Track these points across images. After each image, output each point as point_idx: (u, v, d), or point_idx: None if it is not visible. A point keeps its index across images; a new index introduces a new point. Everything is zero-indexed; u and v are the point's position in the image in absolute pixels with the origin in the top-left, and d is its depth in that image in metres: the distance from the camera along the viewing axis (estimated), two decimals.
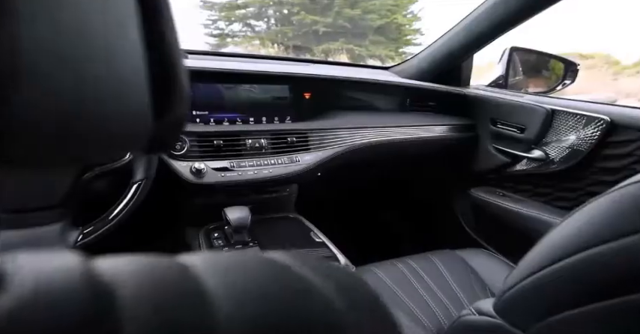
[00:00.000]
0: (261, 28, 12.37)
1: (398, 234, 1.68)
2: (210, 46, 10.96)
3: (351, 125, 1.13)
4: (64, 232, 0.62)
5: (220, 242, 0.90)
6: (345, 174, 1.34)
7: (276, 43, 11.47)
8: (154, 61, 0.20)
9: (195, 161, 0.88)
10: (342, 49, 10.84)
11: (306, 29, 11.52)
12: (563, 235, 0.47)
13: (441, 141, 1.28)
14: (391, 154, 1.27)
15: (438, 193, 1.55)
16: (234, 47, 11.76)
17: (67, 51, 0.16)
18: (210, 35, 11.58)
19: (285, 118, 1.09)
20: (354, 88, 1.21)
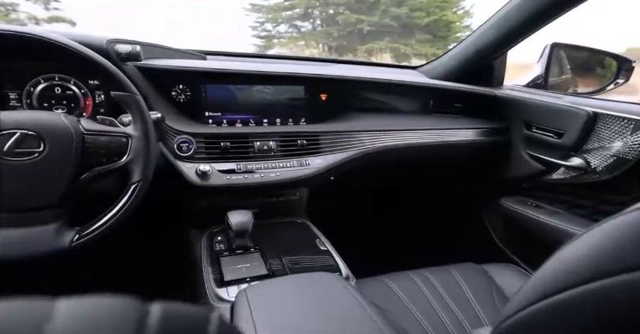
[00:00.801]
0: (307, 28, 12.50)
1: (416, 243, 1.59)
2: (257, 48, 11.27)
3: (368, 128, 1.08)
4: (60, 232, 0.64)
5: (222, 246, 0.90)
6: (361, 178, 1.29)
7: (320, 44, 11.53)
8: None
9: (201, 163, 0.88)
10: (386, 48, 10.64)
11: (350, 29, 11.45)
12: (569, 260, 0.41)
13: (467, 146, 1.19)
14: (412, 159, 1.21)
15: (463, 202, 1.45)
16: (279, 48, 12.00)
17: None
18: (257, 37, 11.90)
19: (300, 120, 1.07)
20: (373, 89, 1.16)
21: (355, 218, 1.53)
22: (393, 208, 1.62)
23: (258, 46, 11.09)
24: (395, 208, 1.62)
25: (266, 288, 0.69)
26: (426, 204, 1.61)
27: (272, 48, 11.67)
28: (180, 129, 0.87)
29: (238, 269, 0.81)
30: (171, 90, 0.92)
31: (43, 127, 0.58)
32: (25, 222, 0.59)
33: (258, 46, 11.13)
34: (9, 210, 0.58)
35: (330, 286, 0.70)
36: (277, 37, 12.31)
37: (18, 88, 0.78)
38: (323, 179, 1.03)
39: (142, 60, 0.82)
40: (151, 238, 1.08)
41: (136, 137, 0.67)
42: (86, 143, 0.63)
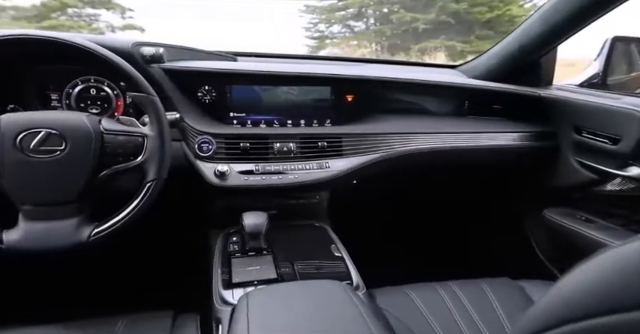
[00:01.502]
0: (360, 28, 12.41)
1: (444, 254, 1.49)
2: (310, 48, 11.41)
3: (396, 130, 1.04)
4: (79, 227, 0.66)
5: (236, 247, 0.90)
6: (386, 183, 1.24)
7: (373, 43, 11.39)
8: None
9: (220, 163, 0.89)
10: (441, 47, 10.22)
11: (405, 27, 11.16)
12: (574, 290, 0.36)
13: (507, 151, 1.09)
14: (442, 164, 1.14)
15: (499, 211, 1.34)
16: (331, 48, 12.05)
17: None
18: (310, 38, 12.06)
19: (325, 121, 1.05)
20: (403, 90, 1.11)
21: (378, 224, 1.47)
22: (420, 215, 1.54)
23: (310, 47, 11.24)
24: (421, 215, 1.54)
25: (268, 293, 0.69)
26: (456, 213, 1.51)
27: (324, 48, 11.75)
28: (202, 129, 0.89)
29: (248, 271, 0.81)
30: (197, 92, 0.95)
31: (65, 127, 0.63)
32: (47, 215, 0.64)
33: (311, 47, 11.27)
34: (33, 203, 0.63)
35: (332, 294, 0.68)
36: (330, 37, 12.36)
37: (58, 90, 0.85)
38: (344, 182, 1.01)
39: (165, 62, 0.86)
40: (170, 236, 1.12)
41: (151, 137, 0.69)
42: (105, 142, 0.66)
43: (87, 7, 6.49)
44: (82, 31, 5.90)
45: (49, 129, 0.62)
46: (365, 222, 1.37)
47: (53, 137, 0.62)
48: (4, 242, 0.62)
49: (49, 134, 0.62)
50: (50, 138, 0.62)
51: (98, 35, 0.79)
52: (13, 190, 0.62)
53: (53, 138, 0.62)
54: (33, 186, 0.62)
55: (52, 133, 0.62)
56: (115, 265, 1.16)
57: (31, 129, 0.61)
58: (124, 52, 0.78)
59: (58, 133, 0.62)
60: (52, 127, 0.62)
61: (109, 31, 6.06)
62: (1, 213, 0.62)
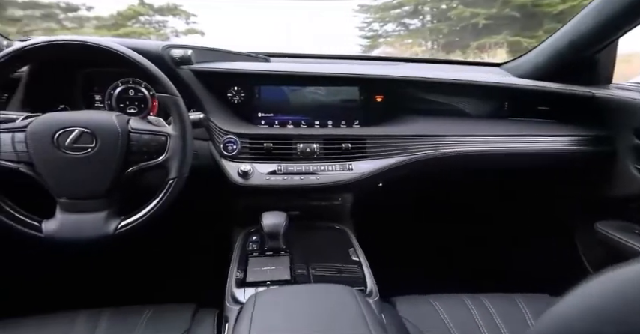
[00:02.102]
0: (416, 26, 12.05)
1: (474, 265, 1.39)
2: (363, 48, 11.32)
3: (426, 132, 0.99)
4: (107, 220, 0.70)
5: (255, 246, 0.91)
6: (415, 187, 1.19)
7: (429, 41, 10.99)
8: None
9: (244, 162, 0.91)
10: (503, 43, 9.56)
11: (463, 24, 10.62)
12: (569, 315, 0.33)
13: (554, 156, 1.00)
14: (478, 168, 1.06)
15: (542, 221, 1.22)
16: (385, 47, 11.84)
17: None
18: (363, 37, 11.95)
19: (353, 122, 1.03)
20: (435, 90, 1.05)
21: (404, 229, 1.41)
22: (451, 223, 1.44)
23: (363, 47, 11.13)
24: (452, 223, 1.44)
25: (276, 294, 0.69)
26: (492, 221, 1.40)
27: (378, 47, 11.58)
28: (227, 129, 0.92)
29: (263, 271, 0.82)
30: (227, 92, 0.98)
31: (96, 126, 0.68)
32: (80, 208, 0.69)
33: (364, 47, 11.16)
34: (69, 197, 0.69)
35: (340, 299, 0.67)
36: (384, 36, 12.15)
37: (102, 91, 0.93)
38: (369, 185, 0.98)
39: (193, 63, 0.89)
40: (198, 233, 1.17)
41: (174, 136, 0.73)
42: (131, 140, 0.71)
43: (156, 14, 7.02)
44: (151, 36, 6.42)
45: (82, 127, 0.67)
46: (390, 226, 1.32)
47: (85, 135, 0.68)
48: (43, 231, 0.68)
49: (81, 132, 0.67)
50: (83, 136, 0.67)
51: (131, 39, 0.85)
52: (52, 184, 0.68)
53: (85, 136, 0.68)
54: (68, 180, 0.68)
55: (85, 131, 0.68)
56: (145, 258, 1.24)
57: (67, 127, 0.67)
58: (155, 54, 0.82)
59: (89, 131, 0.68)
60: (85, 126, 0.68)
61: (173, 35, 6.53)
62: (42, 205, 0.69)
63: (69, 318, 0.74)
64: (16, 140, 0.66)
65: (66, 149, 0.67)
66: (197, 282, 0.81)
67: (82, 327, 0.72)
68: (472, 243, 1.43)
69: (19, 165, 0.67)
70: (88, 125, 0.68)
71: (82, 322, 0.73)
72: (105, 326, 0.73)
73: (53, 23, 5.39)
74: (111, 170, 0.69)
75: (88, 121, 0.68)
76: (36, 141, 0.66)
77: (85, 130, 0.68)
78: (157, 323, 0.75)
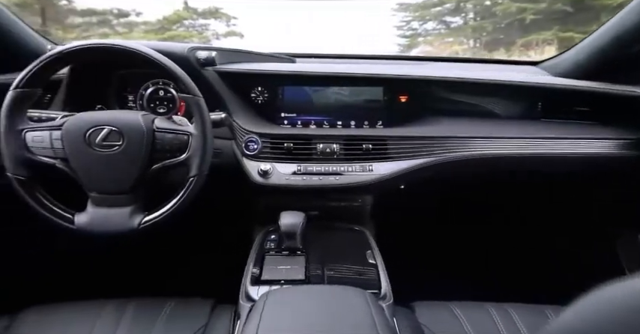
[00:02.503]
0: (458, 24, 11.64)
1: (501, 272, 1.32)
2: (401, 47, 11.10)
3: (451, 133, 0.96)
4: (133, 215, 0.73)
5: (272, 245, 0.92)
6: (439, 190, 1.15)
7: (471, 39, 10.58)
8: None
9: (265, 162, 0.92)
10: (553, 39, 8.99)
11: (509, 20, 10.11)
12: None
13: (591, 161, 0.93)
14: (505, 172, 1.01)
15: (577, 229, 1.13)
16: (424, 46, 11.54)
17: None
18: (402, 36, 11.72)
19: (377, 123, 1.02)
20: (462, 90, 1.01)
21: (427, 233, 1.36)
22: (476, 227, 1.37)
23: (401, 46, 10.90)
24: (478, 228, 1.37)
25: (288, 294, 0.70)
26: (520, 227, 1.32)
27: (416, 46, 11.31)
28: (249, 128, 0.94)
29: (278, 270, 0.83)
30: (251, 92, 1.00)
31: (123, 124, 0.72)
32: (108, 203, 0.74)
33: (402, 46, 10.93)
34: (98, 192, 0.74)
35: (350, 302, 0.66)
36: (423, 35, 11.85)
37: (134, 92, 0.98)
38: (389, 187, 0.97)
39: (217, 64, 0.92)
40: (221, 230, 1.19)
41: (195, 135, 0.75)
42: (155, 139, 0.74)
43: (200, 18, 7.30)
44: (194, 39, 6.69)
45: (111, 126, 0.72)
46: (412, 229, 1.29)
47: (113, 133, 0.72)
48: (75, 223, 0.73)
49: (110, 131, 0.72)
50: (111, 135, 0.72)
51: (159, 42, 0.90)
52: (83, 179, 0.73)
53: (113, 135, 0.72)
54: (97, 176, 0.73)
55: (113, 130, 0.72)
56: (170, 253, 1.29)
57: (97, 126, 0.71)
58: (180, 56, 0.86)
59: (117, 130, 0.72)
60: (113, 125, 0.72)
61: (214, 38, 6.76)
62: (75, 199, 0.74)
63: (98, 306, 0.78)
64: (53, 137, 0.72)
65: (96, 146, 0.71)
66: (217, 278, 0.84)
67: (109, 315, 0.77)
68: (498, 248, 1.36)
69: (56, 161, 0.72)
70: (116, 124, 0.72)
71: (110, 310, 0.78)
72: (130, 315, 0.77)
73: (107, 28, 5.79)
74: (136, 167, 0.73)
75: (116, 120, 0.72)
76: (70, 139, 0.71)
77: (114, 129, 0.72)
78: (177, 316, 0.78)
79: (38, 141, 0.72)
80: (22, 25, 0.91)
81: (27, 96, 0.71)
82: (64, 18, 5.68)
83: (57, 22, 5.50)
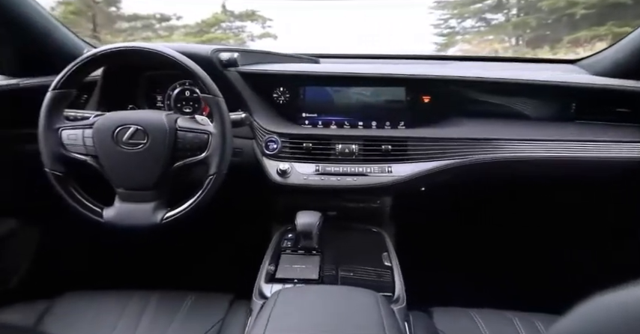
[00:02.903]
0: (499, 21, 11.15)
1: (528, 280, 1.23)
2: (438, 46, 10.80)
3: (476, 135, 0.93)
4: (155, 210, 0.76)
5: (289, 244, 0.93)
6: (462, 194, 1.10)
7: (513, 37, 10.09)
8: None
9: (284, 161, 0.93)
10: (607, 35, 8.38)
11: (556, 15, 9.54)
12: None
13: (632, 165, 0.86)
14: (533, 176, 0.96)
15: (614, 237, 1.05)
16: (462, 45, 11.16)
17: None
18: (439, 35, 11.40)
19: (398, 124, 1.01)
20: (489, 90, 0.97)
21: (448, 237, 1.31)
22: (498, 233, 1.30)
23: (438, 45, 10.58)
24: (500, 233, 1.30)
25: (299, 293, 0.70)
26: (547, 234, 1.24)
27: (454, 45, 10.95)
28: (269, 128, 0.95)
29: (293, 269, 0.84)
30: (272, 93, 1.01)
31: (148, 124, 0.76)
32: (134, 198, 0.77)
33: (439, 45, 10.60)
34: (125, 187, 0.77)
35: (360, 303, 0.66)
36: (461, 33, 11.47)
37: (162, 92, 1.03)
38: (409, 189, 0.95)
39: (239, 65, 0.94)
40: (241, 227, 1.21)
41: (214, 134, 0.77)
42: (177, 138, 0.77)
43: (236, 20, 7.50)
44: (230, 41, 6.88)
45: (136, 125, 0.76)
46: (433, 232, 1.25)
47: (139, 132, 0.75)
48: (103, 217, 0.78)
49: (136, 129, 0.75)
50: (137, 133, 0.75)
51: (184, 43, 0.93)
52: (111, 175, 0.77)
53: (139, 133, 0.75)
54: (124, 172, 0.76)
55: (138, 129, 0.75)
56: (193, 248, 1.33)
57: (124, 125, 0.75)
58: (204, 57, 0.88)
59: (142, 129, 0.75)
60: (139, 124, 0.76)
61: (249, 39, 6.92)
62: (104, 194, 0.78)
63: (125, 296, 0.83)
64: (85, 135, 0.76)
65: (123, 144, 0.75)
66: (236, 274, 0.86)
67: (135, 305, 0.81)
68: (524, 255, 1.28)
69: (87, 158, 0.77)
70: (141, 123, 0.76)
71: (135, 301, 0.82)
72: (153, 306, 0.81)
73: (150, 32, 6.11)
74: (159, 164, 0.76)
75: (141, 120, 0.76)
76: (99, 137, 0.76)
77: (139, 128, 0.75)
78: (197, 310, 0.81)
79: (72, 139, 0.77)
80: (63, 30, 0.98)
81: (63, 96, 0.77)
82: (112, 23, 6.05)
83: (106, 27, 5.87)
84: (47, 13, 0.94)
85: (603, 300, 0.27)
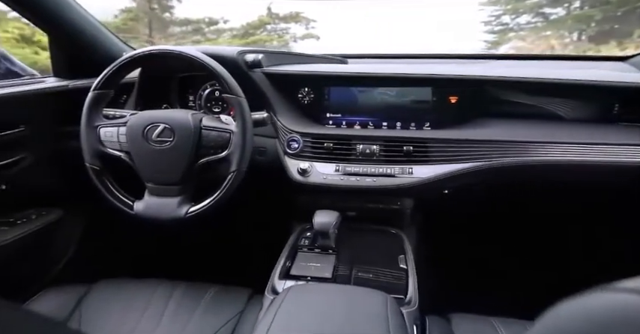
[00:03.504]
0: (558, 15, 10.38)
1: (556, 292, 1.11)
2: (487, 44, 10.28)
3: (504, 137, 0.88)
4: (180, 205, 0.80)
5: (306, 242, 0.94)
6: (490, 196, 1.04)
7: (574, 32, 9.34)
8: None
9: (305, 161, 0.94)
10: None
11: (627, 7, 8.69)
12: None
13: None
14: (568, 182, 0.89)
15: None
16: (516, 42, 10.53)
17: None
18: (490, 32, 10.84)
19: (424, 125, 0.98)
20: (520, 90, 0.92)
21: (472, 242, 1.24)
22: (528, 240, 1.21)
23: (488, 42, 10.07)
24: (530, 240, 1.21)
25: (309, 291, 0.71)
26: (580, 243, 1.13)
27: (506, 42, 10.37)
28: (291, 128, 0.97)
29: (307, 266, 0.85)
30: (297, 93, 1.03)
31: (175, 122, 0.80)
32: (161, 193, 0.82)
33: (489, 42, 10.09)
34: (154, 182, 0.82)
35: (368, 304, 0.65)
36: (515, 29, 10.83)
37: (194, 92, 1.08)
38: (431, 191, 0.92)
39: (264, 66, 0.97)
40: (260, 224, 1.23)
41: (235, 133, 0.80)
42: (202, 136, 0.81)
43: (281, 22, 7.66)
44: (274, 42, 7.04)
45: (164, 123, 0.80)
46: (456, 237, 1.19)
47: (166, 130, 0.80)
48: (134, 209, 0.83)
49: (164, 128, 0.80)
50: (164, 131, 0.80)
51: (211, 46, 0.98)
52: (142, 170, 0.82)
53: (166, 131, 0.80)
54: (153, 168, 0.81)
55: (166, 127, 0.80)
56: (218, 242, 1.38)
57: (153, 123, 0.81)
58: (230, 59, 0.92)
59: (169, 127, 0.80)
60: (167, 122, 0.80)
61: (292, 41, 7.04)
62: (136, 188, 0.84)
63: (154, 285, 0.88)
64: (120, 133, 0.83)
65: (152, 142, 0.80)
66: (256, 269, 0.89)
67: (161, 294, 0.86)
68: (553, 264, 1.19)
69: (121, 154, 0.83)
70: (169, 122, 0.80)
71: (162, 290, 0.87)
72: (179, 296, 0.85)
73: (199, 36, 6.43)
74: (184, 161, 0.80)
75: (169, 118, 0.81)
76: (132, 134, 0.81)
77: (167, 126, 0.80)
78: (217, 302, 0.84)
79: (109, 136, 0.83)
80: (110, 36, 1.07)
81: (102, 96, 0.83)
82: (166, 28, 6.45)
83: (161, 31, 6.27)
84: (96, 21, 1.02)
85: (568, 307, 0.26)
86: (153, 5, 6.24)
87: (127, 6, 6.42)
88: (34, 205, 0.97)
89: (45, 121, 0.94)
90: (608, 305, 0.24)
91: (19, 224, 0.91)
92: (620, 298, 0.24)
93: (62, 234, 1.03)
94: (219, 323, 0.79)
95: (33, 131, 0.92)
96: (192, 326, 0.78)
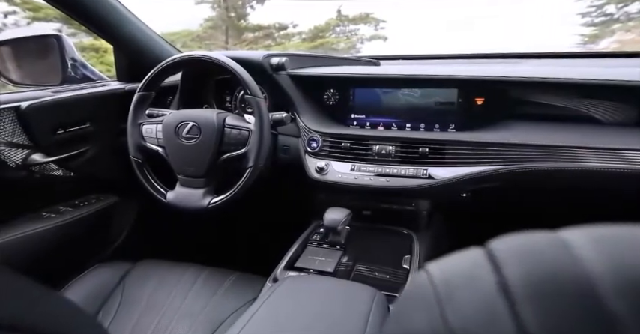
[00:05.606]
0: None
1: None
2: (583, 38, 9.17)
3: (528, 141, 0.83)
4: (204, 196, 0.88)
5: (318, 237, 0.97)
6: (513, 202, 0.95)
7: None
8: None
9: (322, 159, 0.97)
10: None
11: None
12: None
13: None
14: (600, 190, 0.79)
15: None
16: (622, 34, 9.22)
17: None
18: (587, 25, 9.64)
19: (448, 127, 0.96)
20: (551, 92, 0.84)
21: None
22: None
23: (584, 36, 8.99)
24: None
25: (302, 282, 0.74)
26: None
27: (609, 36, 9.13)
28: (312, 127, 1.01)
29: (313, 260, 0.88)
30: (323, 94, 1.06)
31: (201, 120, 0.89)
32: (189, 184, 0.91)
33: (585, 36, 9.00)
34: (184, 175, 0.92)
35: (355, 298, 0.66)
36: (622, 20, 9.49)
37: (230, 94, 1.17)
38: (448, 193, 0.89)
39: (288, 69, 1.01)
40: (281, 218, 1.27)
41: (254, 132, 0.87)
42: (224, 134, 0.89)
43: (350, 24, 7.69)
44: (341, 44, 7.11)
45: (193, 122, 0.90)
46: (472, 242, 1.10)
47: (194, 128, 0.89)
48: (166, 198, 0.93)
49: (192, 125, 0.90)
50: (193, 129, 0.89)
51: (238, 51, 1.05)
52: (173, 164, 0.92)
53: (194, 129, 0.89)
54: (183, 162, 0.91)
55: (194, 125, 0.89)
56: (243, 233, 1.47)
57: (184, 121, 0.90)
58: (256, 62, 0.98)
59: (197, 125, 0.89)
60: (195, 120, 0.90)
61: (359, 42, 7.04)
62: (170, 179, 0.95)
63: (183, 269, 0.97)
64: (158, 129, 0.94)
65: (182, 138, 0.90)
66: (272, 260, 0.94)
67: (189, 276, 0.94)
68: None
69: (159, 148, 0.94)
70: (197, 120, 0.89)
71: (190, 272, 0.96)
72: (203, 279, 0.94)
73: (270, 41, 6.77)
74: (208, 156, 0.89)
75: (197, 117, 0.90)
76: (166, 131, 0.92)
77: (194, 124, 0.89)
78: (236, 287, 0.91)
79: (149, 132, 0.95)
80: (162, 43, 1.21)
81: (145, 98, 0.96)
82: (241, 34, 6.92)
83: (236, 38, 6.75)
84: (152, 31, 1.17)
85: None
86: (230, 14, 6.74)
87: (209, 15, 7.04)
88: (94, 191, 1.14)
89: (106, 119, 1.10)
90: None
91: (82, 206, 1.08)
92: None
93: (117, 218, 1.19)
94: (234, 307, 0.86)
95: (96, 127, 1.08)
96: (211, 307, 0.86)
